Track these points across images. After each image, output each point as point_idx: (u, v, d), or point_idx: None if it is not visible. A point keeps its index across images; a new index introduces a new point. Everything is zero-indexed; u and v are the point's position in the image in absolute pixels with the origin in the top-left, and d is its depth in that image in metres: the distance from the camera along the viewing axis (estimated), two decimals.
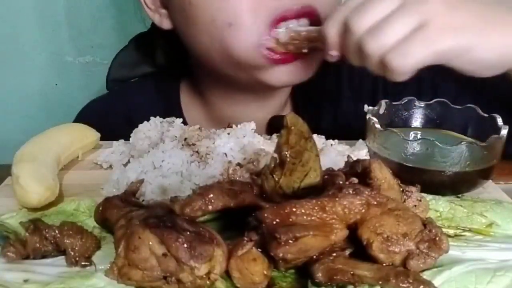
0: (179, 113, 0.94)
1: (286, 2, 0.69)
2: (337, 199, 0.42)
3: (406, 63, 0.54)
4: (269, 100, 0.89)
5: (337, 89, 0.91)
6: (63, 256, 0.45)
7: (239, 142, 0.62)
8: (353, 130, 0.65)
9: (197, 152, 0.62)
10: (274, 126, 0.87)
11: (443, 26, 0.54)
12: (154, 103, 0.96)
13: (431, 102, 0.66)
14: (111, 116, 0.95)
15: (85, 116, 0.99)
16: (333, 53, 0.62)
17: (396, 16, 0.55)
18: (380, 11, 0.56)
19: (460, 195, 0.57)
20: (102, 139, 0.76)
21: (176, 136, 0.65)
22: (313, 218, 0.41)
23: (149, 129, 0.69)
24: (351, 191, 0.42)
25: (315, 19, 0.71)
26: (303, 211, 0.41)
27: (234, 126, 0.66)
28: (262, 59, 0.72)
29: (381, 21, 0.56)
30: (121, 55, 1.00)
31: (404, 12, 0.55)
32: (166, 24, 0.84)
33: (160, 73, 0.99)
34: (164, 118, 0.85)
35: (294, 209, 0.41)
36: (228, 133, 0.64)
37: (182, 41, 0.83)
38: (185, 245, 0.39)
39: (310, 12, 0.70)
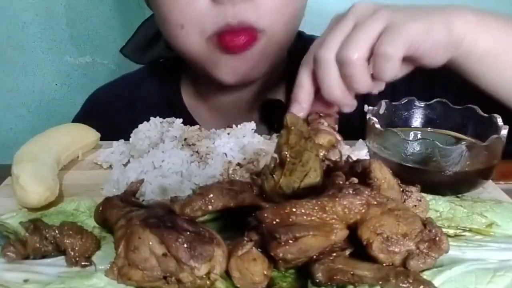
0: (180, 102, 0.97)
1: (228, 15, 0.73)
2: (337, 199, 0.42)
3: (393, 56, 0.58)
4: (259, 87, 0.91)
5: None
6: (63, 256, 0.45)
7: (239, 142, 0.62)
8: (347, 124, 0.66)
9: (197, 152, 0.62)
10: (265, 110, 0.90)
11: (401, 20, 0.58)
12: (157, 92, 0.99)
13: (431, 102, 0.66)
14: (115, 103, 0.99)
15: (91, 103, 1.02)
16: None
17: (360, 29, 0.59)
18: (339, 39, 0.60)
19: (460, 195, 0.57)
20: (106, 126, 0.77)
21: (176, 136, 0.65)
22: (313, 218, 0.41)
23: (149, 129, 0.69)
24: (351, 191, 0.42)
25: (258, 38, 0.76)
26: (303, 211, 0.41)
27: (234, 126, 0.66)
28: (211, 55, 0.77)
29: (348, 38, 0.59)
30: (144, 26, 1.02)
31: (365, 23, 0.59)
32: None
33: (165, 61, 1.02)
34: (165, 106, 0.87)
35: (294, 209, 0.41)
36: (228, 133, 0.64)
37: None
38: (185, 245, 0.39)
39: (247, 29, 0.75)
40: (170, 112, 0.94)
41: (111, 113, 0.80)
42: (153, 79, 1.01)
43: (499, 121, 0.59)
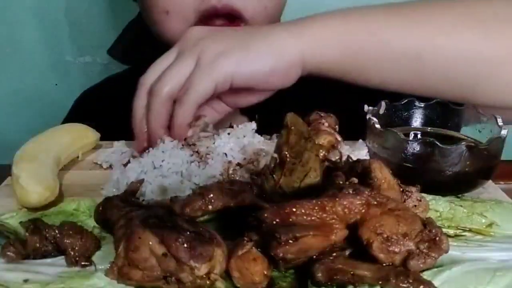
0: None
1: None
2: (337, 199, 0.42)
3: (191, 98, 0.62)
4: None
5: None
6: (63, 256, 0.45)
7: (239, 142, 0.62)
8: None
9: (197, 152, 0.62)
10: (245, 110, 0.89)
11: (212, 56, 0.62)
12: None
13: (431, 102, 0.66)
14: (103, 102, 0.98)
15: (79, 104, 1.03)
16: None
17: (173, 65, 0.64)
18: (160, 69, 0.65)
19: (460, 195, 0.57)
20: (98, 127, 0.77)
21: None
22: (313, 218, 0.41)
23: None
24: (351, 191, 0.42)
25: (238, 19, 0.77)
26: (303, 211, 0.41)
27: (235, 126, 0.66)
28: None
29: (163, 73, 0.64)
30: (130, 26, 1.04)
31: (179, 59, 0.64)
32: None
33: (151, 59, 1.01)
34: None
35: (294, 209, 0.41)
36: (228, 133, 0.64)
37: None
38: (185, 245, 0.39)
39: (231, 12, 0.76)
40: None
41: (99, 114, 0.80)
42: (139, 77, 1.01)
43: (499, 121, 0.59)
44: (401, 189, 0.48)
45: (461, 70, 0.63)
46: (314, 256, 0.42)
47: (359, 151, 0.63)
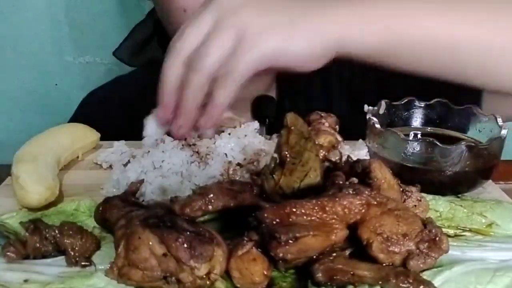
0: None
1: None
2: (337, 199, 0.42)
3: (234, 78, 0.58)
4: (251, 82, 0.90)
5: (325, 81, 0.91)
6: (63, 256, 0.45)
7: (239, 142, 0.62)
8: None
9: (197, 152, 0.62)
10: (257, 106, 0.89)
11: (257, 31, 0.57)
12: (152, 92, 0.97)
13: (431, 102, 0.66)
14: (109, 103, 0.97)
15: (85, 105, 1.01)
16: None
17: (213, 36, 0.58)
18: (196, 36, 0.59)
19: (460, 195, 0.57)
20: (102, 127, 0.76)
21: None
22: (313, 218, 0.41)
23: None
24: (351, 191, 0.42)
25: None
26: (303, 211, 0.41)
27: (237, 126, 0.66)
28: None
29: (200, 47, 0.58)
30: (137, 29, 1.01)
31: (220, 30, 0.58)
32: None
33: (159, 62, 1.00)
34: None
35: (294, 209, 0.41)
36: (229, 134, 0.64)
37: None
38: (185, 245, 0.39)
39: None
40: None
41: (106, 115, 0.79)
42: (147, 79, 1.00)
43: (499, 121, 0.59)
44: (401, 189, 0.49)
45: (500, 60, 0.61)
46: (314, 256, 0.42)
47: (359, 151, 0.63)
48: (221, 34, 0.58)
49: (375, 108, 0.64)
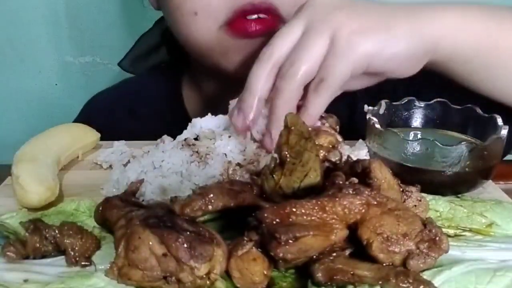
0: (180, 107, 0.95)
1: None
2: (337, 199, 0.42)
3: (329, 85, 0.56)
4: None
5: None
6: (63, 256, 0.45)
7: (239, 142, 0.62)
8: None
9: (197, 152, 0.62)
10: None
11: (351, 35, 0.55)
12: (157, 97, 0.97)
13: (431, 102, 0.66)
14: (115, 109, 0.97)
15: (91, 109, 1.01)
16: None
17: (305, 42, 0.56)
18: (287, 43, 0.57)
19: (460, 195, 0.57)
20: (106, 132, 0.76)
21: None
22: (313, 218, 0.41)
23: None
24: (351, 191, 0.42)
25: (274, 17, 0.73)
26: (303, 211, 0.41)
27: None
28: (222, 42, 0.75)
29: (292, 53, 0.57)
30: (144, 38, 1.01)
31: (313, 36, 0.56)
32: (155, 5, 0.87)
33: (166, 66, 1.00)
34: (166, 111, 0.83)
35: (294, 209, 0.41)
36: (229, 136, 0.64)
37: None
38: (185, 245, 0.39)
39: (269, 8, 0.72)
40: (172, 118, 0.93)
41: (111, 120, 0.78)
42: (154, 84, 1.00)
43: (499, 121, 0.59)
44: (401, 189, 0.49)
45: None
46: (314, 256, 0.42)
47: (359, 151, 0.63)
48: (314, 39, 0.56)
49: (375, 108, 0.64)
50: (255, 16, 0.72)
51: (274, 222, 0.41)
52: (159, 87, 0.99)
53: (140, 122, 0.82)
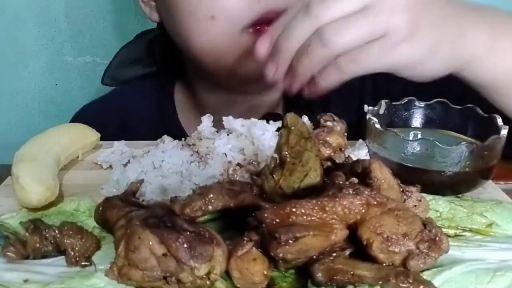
0: (173, 116, 0.94)
1: (270, 2, 0.69)
2: (337, 199, 0.42)
3: (355, 69, 0.54)
4: (258, 99, 0.88)
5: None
6: (63, 256, 0.45)
7: (239, 142, 0.62)
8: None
9: (197, 152, 0.62)
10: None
11: (401, 40, 0.53)
12: (149, 106, 0.96)
13: (431, 102, 0.66)
14: (105, 120, 0.95)
15: (80, 120, 0.98)
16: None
17: (359, 17, 0.53)
18: (341, 9, 0.53)
19: (460, 195, 0.57)
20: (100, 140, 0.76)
21: None
22: (313, 218, 0.41)
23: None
24: (351, 191, 0.42)
25: None
26: (303, 211, 0.41)
27: None
28: (243, 47, 0.72)
29: (341, 20, 0.53)
30: (124, 51, 1.00)
31: (369, 17, 0.53)
32: (154, 17, 0.85)
33: (157, 74, 0.99)
34: (158, 120, 0.82)
35: (294, 209, 0.41)
36: (228, 135, 0.64)
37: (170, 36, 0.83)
38: (185, 245, 0.39)
39: None
40: (164, 129, 0.93)
41: (102, 133, 0.77)
42: (144, 94, 0.98)
43: (499, 121, 0.59)
44: (401, 189, 0.49)
45: None
46: (314, 256, 0.42)
47: (359, 151, 0.63)
48: (369, 21, 0.52)
49: (375, 108, 0.64)
50: None
51: (274, 222, 0.41)
52: (150, 98, 0.96)
53: (131, 134, 0.81)
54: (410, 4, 0.54)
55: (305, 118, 0.65)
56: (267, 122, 0.65)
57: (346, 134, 0.63)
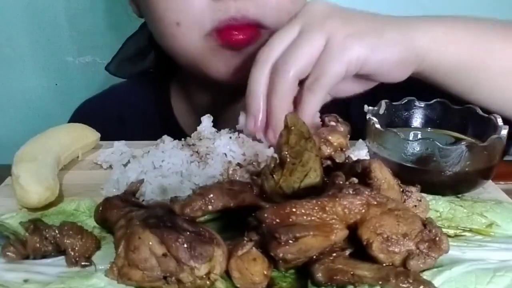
0: (169, 113, 0.95)
1: (230, 10, 0.71)
2: (337, 199, 0.42)
3: (322, 83, 0.58)
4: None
5: None
6: (63, 256, 0.45)
7: (239, 142, 0.62)
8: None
9: (197, 152, 0.62)
10: None
11: (344, 38, 0.58)
12: (146, 103, 0.97)
13: (431, 102, 0.66)
14: (104, 115, 0.96)
15: (80, 116, 1.00)
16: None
17: (299, 42, 0.59)
18: (282, 44, 0.60)
19: (460, 195, 0.57)
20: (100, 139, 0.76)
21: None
22: (313, 218, 0.41)
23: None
24: (351, 191, 0.42)
25: (261, 34, 0.74)
26: (303, 211, 0.41)
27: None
28: (208, 51, 0.75)
29: (286, 52, 0.59)
30: (130, 42, 1.01)
31: (306, 37, 0.59)
32: (139, 15, 0.87)
33: (154, 71, 1.00)
34: (155, 118, 0.82)
35: (294, 209, 0.41)
36: (230, 137, 0.64)
37: None
38: (185, 245, 0.39)
39: (251, 24, 0.73)
40: (160, 124, 0.93)
41: (100, 126, 0.78)
42: (142, 90, 0.99)
43: (499, 121, 0.59)
44: (401, 189, 0.49)
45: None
46: (314, 256, 0.42)
47: (359, 151, 0.63)
48: (309, 39, 0.59)
49: (375, 108, 0.64)
50: (239, 36, 0.74)
51: (274, 222, 0.41)
52: (148, 94, 0.98)
53: (129, 129, 0.82)
54: (338, 9, 0.61)
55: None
56: None
57: (349, 135, 0.63)
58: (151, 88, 0.98)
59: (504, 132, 0.57)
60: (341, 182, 0.45)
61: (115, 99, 1.01)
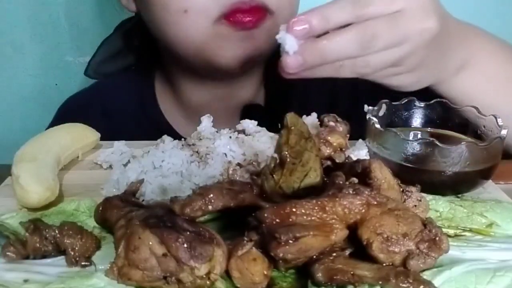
0: (154, 106, 0.95)
1: None
2: (337, 199, 0.42)
3: (363, 72, 0.56)
4: (238, 88, 0.90)
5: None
6: (63, 256, 0.45)
7: (239, 142, 0.62)
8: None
9: (197, 152, 0.62)
10: (247, 115, 0.86)
11: (410, 67, 0.58)
12: (130, 97, 0.97)
13: (431, 102, 0.66)
14: (88, 110, 0.96)
15: (64, 112, 1.00)
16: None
17: (401, 21, 0.54)
18: (383, 7, 0.54)
19: (460, 195, 0.57)
20: None
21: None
22: (313, 218, 0.41)
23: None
24: (351, 191, 0.42)
25: (266, 18, 0.74)
26: (303, 211, 0.41)
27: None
28: (216, 37, 0.75)
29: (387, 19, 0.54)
30: (105, 45, 1.01)
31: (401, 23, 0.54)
32: (132, 7, 0.87)
33: (137, 66, 1.00)
34: (140, 112, 0.82)
35: (294, 209, 0.41)
36: (230, 137, 0.64)
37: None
38: (185, 245, 0.39)
39: (262, 9, 0.73)
40: (146, 119, 0.93)
41: (83, 123, 0.78)
42: (126, 86, 0.99)
43: (499, 121, 0.59)
44: (401, 189, 0.49)
45: None
46: (314, 256, 0.42)
47: (359, 151, 0.63)
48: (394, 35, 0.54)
49: (375, 108, 0.64)
50: (247, 18, 0.73)
51: (274, 222, 0.41)
52: (132, 88, 0.98)
53: (113, 124, 0.82)
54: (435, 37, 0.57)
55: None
56: (248, 113, 0.65)
57: (348, 135, 0.63)
58: (135, 83, 0.98)
59: (504, 132, 0.57)
60: (341, 182, 0.45)
61: (99, 94, 1.01)
